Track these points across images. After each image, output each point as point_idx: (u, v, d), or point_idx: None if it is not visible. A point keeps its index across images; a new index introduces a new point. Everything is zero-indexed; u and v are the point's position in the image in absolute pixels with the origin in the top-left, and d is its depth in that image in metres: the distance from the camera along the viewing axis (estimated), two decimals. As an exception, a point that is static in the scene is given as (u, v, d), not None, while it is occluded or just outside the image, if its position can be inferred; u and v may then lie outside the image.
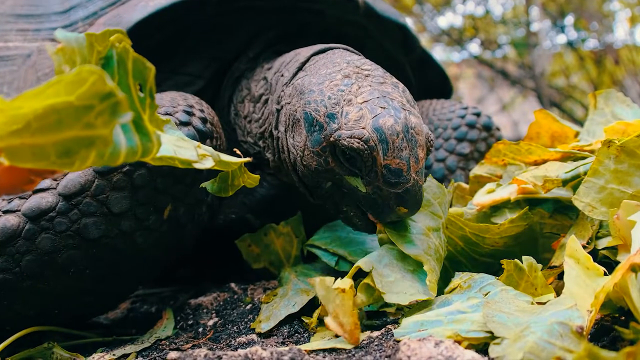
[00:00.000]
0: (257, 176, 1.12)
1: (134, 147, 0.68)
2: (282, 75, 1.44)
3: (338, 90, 1.20)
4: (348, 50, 1.46)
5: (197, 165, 0.90)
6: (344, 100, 1.18)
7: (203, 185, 1.09)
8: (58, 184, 1.13)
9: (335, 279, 1.06)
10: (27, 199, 1.12)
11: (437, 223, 1.25)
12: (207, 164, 0.92)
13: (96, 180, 1.14)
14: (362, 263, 1.12)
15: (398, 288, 1.11)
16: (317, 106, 1.20)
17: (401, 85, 1.27)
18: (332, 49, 1.44)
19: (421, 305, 1.12)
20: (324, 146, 1.19)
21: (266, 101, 1.52)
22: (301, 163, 1.27)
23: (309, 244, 1.44)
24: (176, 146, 0.89)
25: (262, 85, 1.55)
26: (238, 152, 1.15)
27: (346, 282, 1.03)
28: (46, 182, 1.13)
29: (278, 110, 1.39)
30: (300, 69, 1.40)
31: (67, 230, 1.12)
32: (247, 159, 1.07)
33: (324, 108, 1.19)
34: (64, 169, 0.63)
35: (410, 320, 1.07)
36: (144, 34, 1.51)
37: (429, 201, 1.27)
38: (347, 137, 1.13)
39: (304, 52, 1.46)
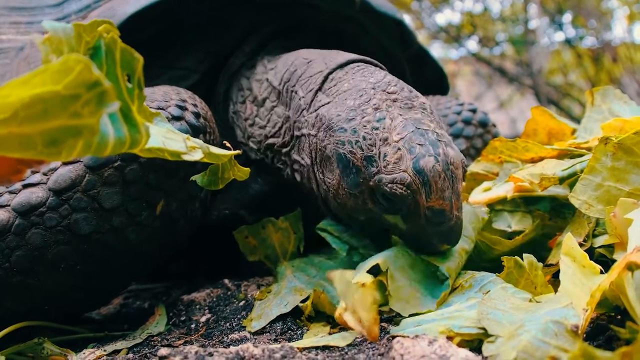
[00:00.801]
0: (248, 169, 1.11)
1: (122, 137, 0.67)
2: (296, 93, 1.36)
3: (372, 128, 1.14)
4: (369, 65, 1.36)
5: (186, 157, 0.88)
6: (380, 140, 1.12)
7: (193, 178, 1.07)
8: (48, 178, 1.11)
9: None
10: (17, 193, 1.11)
11: (470, 246, 1.25)
12: (196, 155, 0.90)
13: (87, 175, 1.12)
14: (380, 261, 1.11)
15: (403, 295, 1.11)
16: (352, 148, 1.14)
17: (427, 103, 1.22)
18: (350, 63, 1.34)
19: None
20: (362, 189, 1.15)
21: (272, 108, 1.46)
22: (334, 200, 1.24)
23: (320, 227, 1.40)
24: (165, 138, 0.88)
25: (266, 88, 1.50)
26: (228, 144, 1.13)
27: (367, 277, 1.02)
28: (36, 177, 1.12)
29: (298, 137, 1.34)
30: (319, 89, 1.31)
31: (58, 225, 1.10)
32: (237, 151, 1.06)
33: (360, 150, 1.13)
34: (51, 159, 0.62)
35: (408, 319, 1.07)
36: (138, 27, 1.50)
37: (465, 226, 1.26)
38: (389, 183, 1.09)
39: (317, 65, 1.37)
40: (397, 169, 1.09)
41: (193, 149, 0.91)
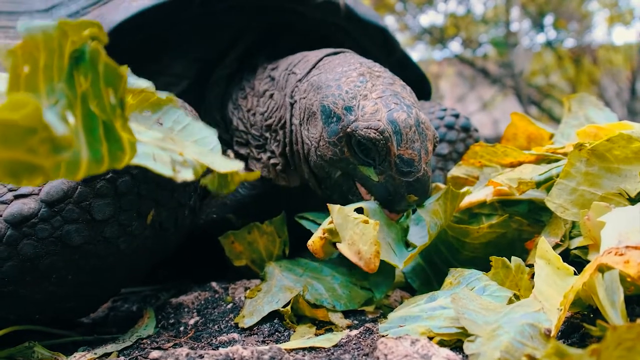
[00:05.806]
0: (258, 172, 1.07)
1: (99, 157, 0.66)
2: (294, 73, 1.52)
3: (354, 85, 1.30)
4: (357, 54, 1.53)
5: (175, 178, 0.83)
6: (360, 95, 1.28)
7: (203, 181, 1.02)
8: (40, 190, 1.12)
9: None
10: (8, 204, 1.12)
11: (439, 223, 1.31)
12: (187, 175, 0.84)
13: (79, 187, 1.13)
14: (365, 206, 1.25)
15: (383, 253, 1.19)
16: (335, 99, 1.29)
17: (408, 87, 1.37)
18: (343, 52, 1.53)
19: (410, 301, 1.17)
20: (340, 136, 1.28)
21: (271, 96, 1.60)
22: (315, 153, 1.37)
23: (298, 216, 1.51)
24: (160, 148, 0.84)
25: (267, 82, 1.63)
26: (232, 155, 1.15)
27: (362, 217, 1.13)
28: (28, 188, 1.12)
29: (292, 104, 1.47)
30: (314, 66, 1.48)
31: (50, 236, 1.11)
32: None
33: (342, 101, 1.28)
34: (15, 184, 0.61)
35: (396, 315, 1.11)
36: (128, 34, 1.51)
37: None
38: (364, 128, 1.22)
39: (314, 53, 1.55)
40: (374, 118, 1.23)
41: (184, 165, 0.85)
